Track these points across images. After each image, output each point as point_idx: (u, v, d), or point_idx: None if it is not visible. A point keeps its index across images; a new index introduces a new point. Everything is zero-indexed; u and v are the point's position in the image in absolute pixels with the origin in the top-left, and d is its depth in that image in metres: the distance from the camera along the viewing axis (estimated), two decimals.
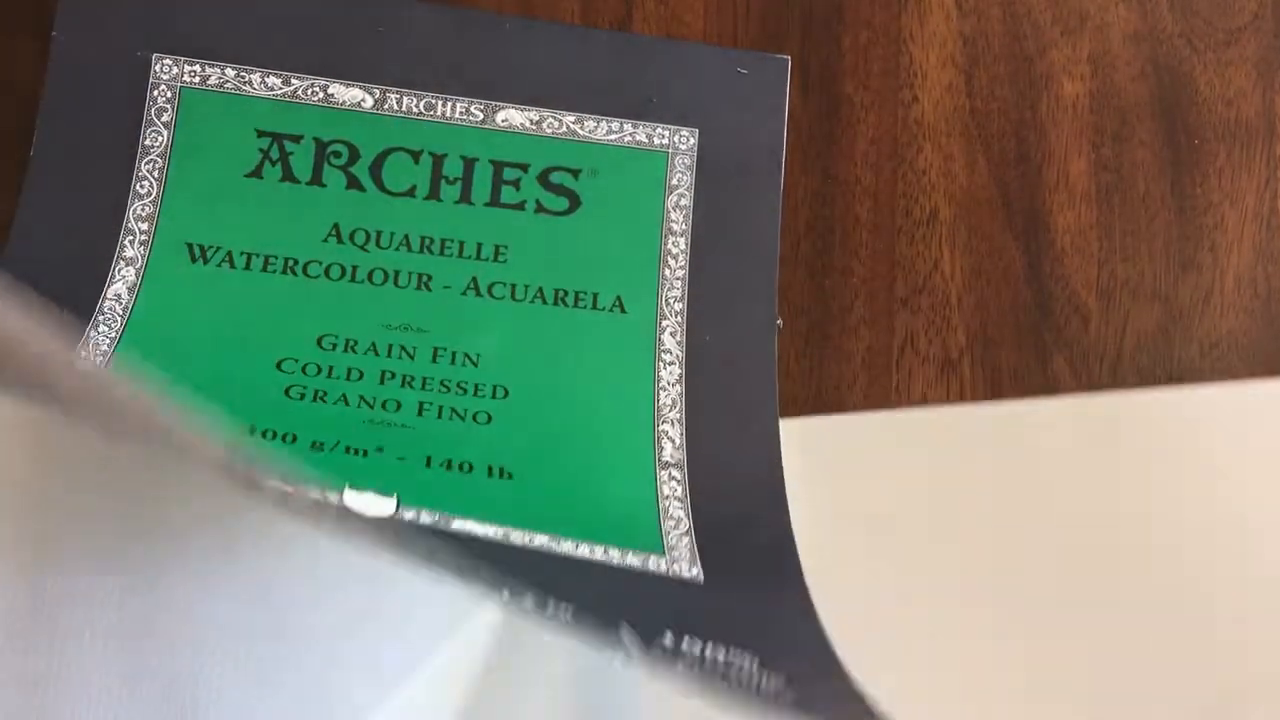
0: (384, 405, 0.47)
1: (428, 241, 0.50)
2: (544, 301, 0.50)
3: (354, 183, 0.51)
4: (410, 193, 0.51)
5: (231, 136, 0.50)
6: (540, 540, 0.42)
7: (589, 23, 0.53)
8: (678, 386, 0.49)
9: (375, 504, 0.39)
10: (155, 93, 0.50)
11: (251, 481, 0.29)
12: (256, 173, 0.50)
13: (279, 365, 0.48)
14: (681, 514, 0.46)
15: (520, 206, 0.51)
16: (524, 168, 0.52)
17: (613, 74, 0.53)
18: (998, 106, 0.55)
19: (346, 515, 0.36)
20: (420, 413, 0.47)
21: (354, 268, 0.50)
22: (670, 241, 0.51)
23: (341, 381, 0.48)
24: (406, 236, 0.50)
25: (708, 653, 0.34)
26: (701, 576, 0.44)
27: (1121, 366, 0.53)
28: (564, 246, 0.51)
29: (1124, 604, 0.47)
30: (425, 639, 0.40)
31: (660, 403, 0.49)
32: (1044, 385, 0.52)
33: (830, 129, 0.54)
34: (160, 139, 0.50)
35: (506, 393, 0.49)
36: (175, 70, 0.51)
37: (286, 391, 0.47)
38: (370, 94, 0.52)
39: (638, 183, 0.52)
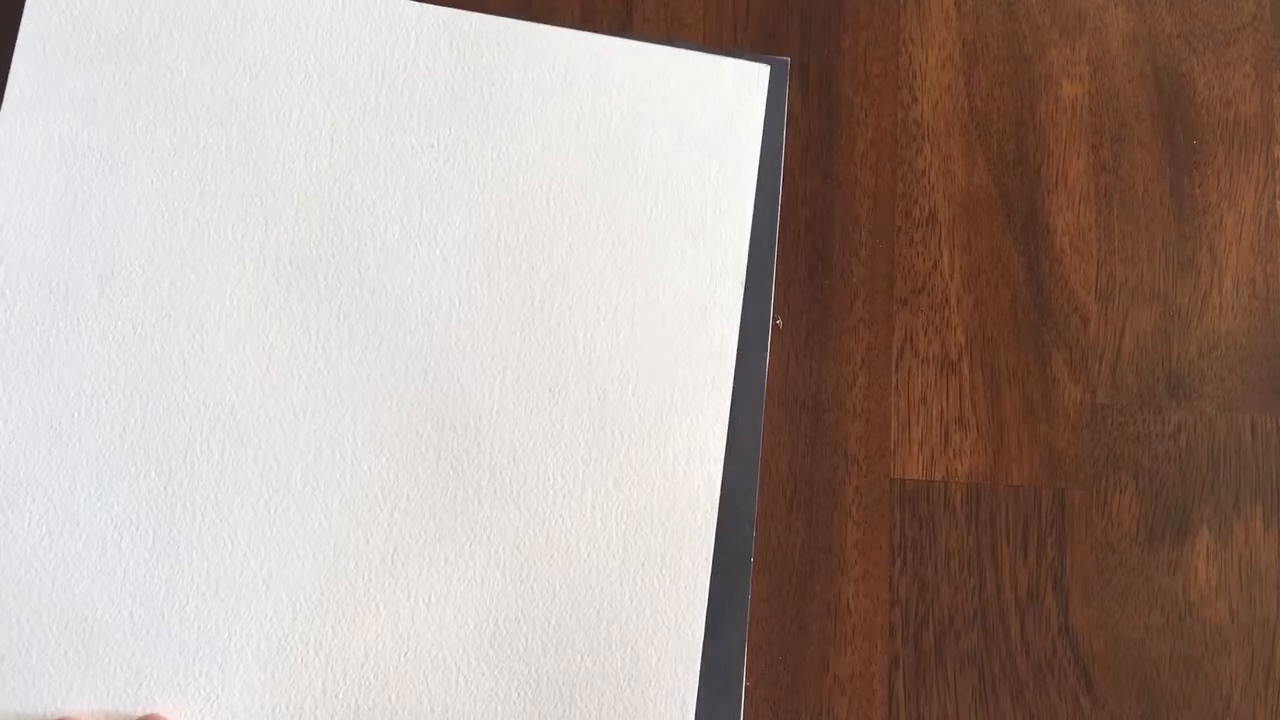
0: None
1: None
2: None
3: None
4: None
5: None
6: None
7: (589, 24, 0.53)
8: None
9: None
10: None
11: None
12: None
13: None
14: None
15: None
16: None
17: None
18: (997, 107, 0.55)
19: None
20: None
21: None
22: None
23: None
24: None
25: None
26: None
27: (1120, 366, 0.53)
28: None
29: None
30: None
31: None
32: (1043, 385, 0.53)
33: (830, 129, 0.54)
34: None
35: None
36: None
37: None
38: None
39: None
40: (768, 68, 0.51)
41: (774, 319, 0.51)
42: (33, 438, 0.45)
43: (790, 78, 0.54)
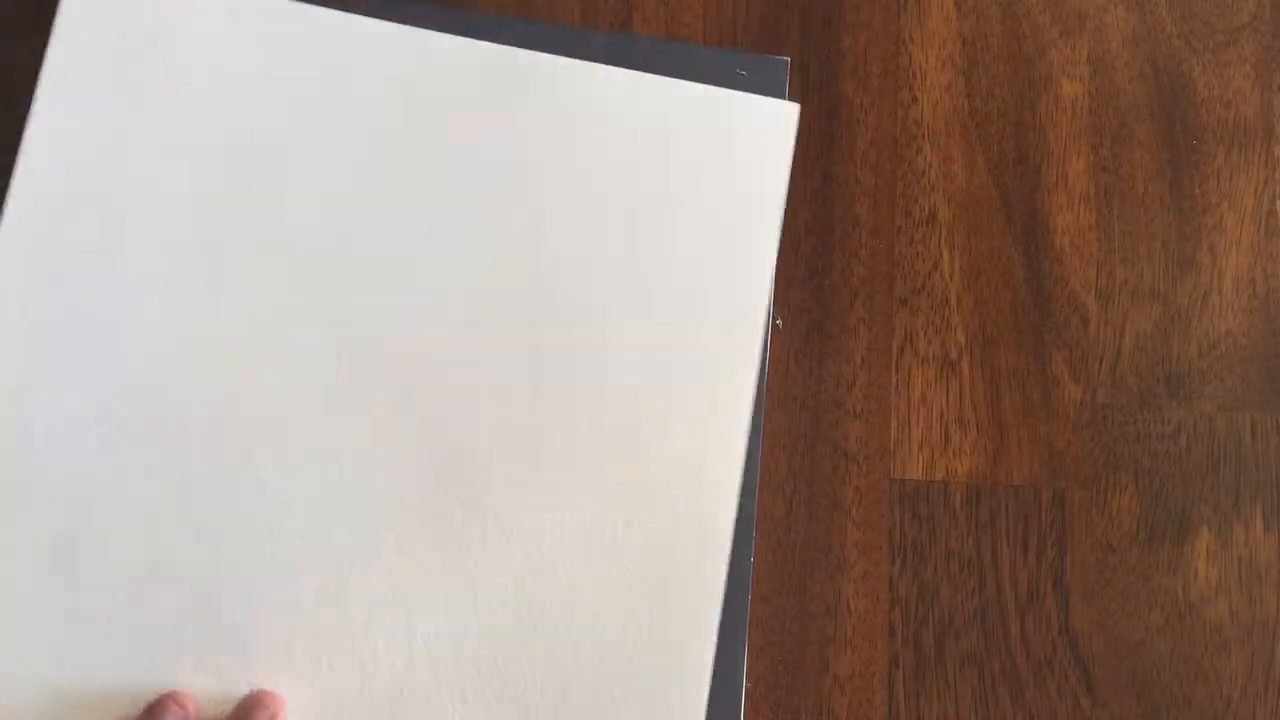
0: None
1: None
2: None
3: None
4: None
5: None
6: None
7: (589, 24, 0.53)
8: None
9: None
10: None
11: None
12: None
13: None
14: None
15: None
16: None
17: None
18: (997, 107, 0.55)
19: None
20: None
21: None
22: None
23: None
24: None
25: None
26: None
27: (1120, 366, 0.53)
28: None
29: None
30: None
31: None
32: (1043, 385, 0.53)
33: (830, 129, 0.54)
34: None
35: None
36: None
37: None
38: None
39: None
40: (797, 106, 0.50)
41: (774, 319, 0.51)
42: (44, 463, 0.45)
43: (790, 78, 0.54)
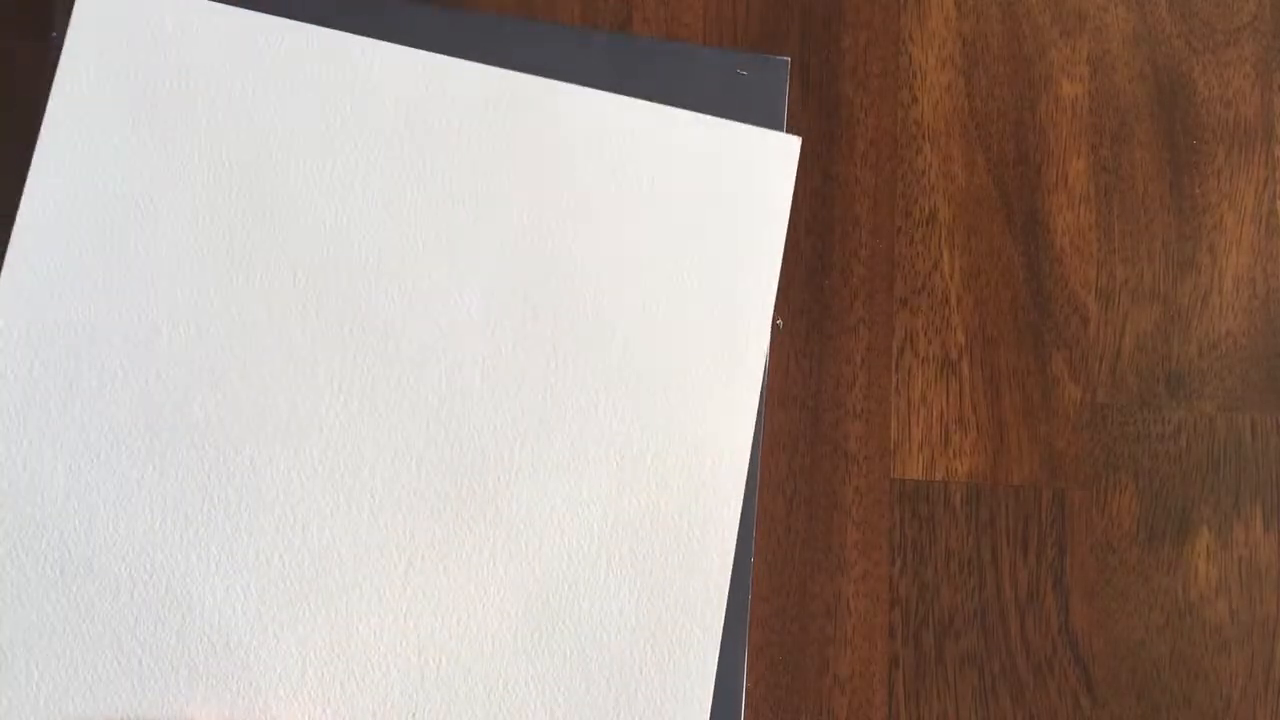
0: None
1: None
2: None
3: None
4: None
5: None
6: None
7: (589, 24, 0.53)
8: None
9: None
10: None
11: None
12: None
13: None
14: None
15: None
16: None
17: (613, 75, 0.53)
18: (997, 107, 0.55)
19: None
20: None
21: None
22: None
23: None
24: None
25: None
26: None
27: (1120, 366, 0.53)
28: None
29: None
30: None
31: None
32: (1043, 385, 0.53)
33: (830, 129, 0.54)
34: None
35: None
36: None
37: None
38: None
39: None
40: (799, 140, 0.50)
41: (774, 319, 0.51)
42: (51, 482, 0.45)
43: (790, 78, 0.54)
